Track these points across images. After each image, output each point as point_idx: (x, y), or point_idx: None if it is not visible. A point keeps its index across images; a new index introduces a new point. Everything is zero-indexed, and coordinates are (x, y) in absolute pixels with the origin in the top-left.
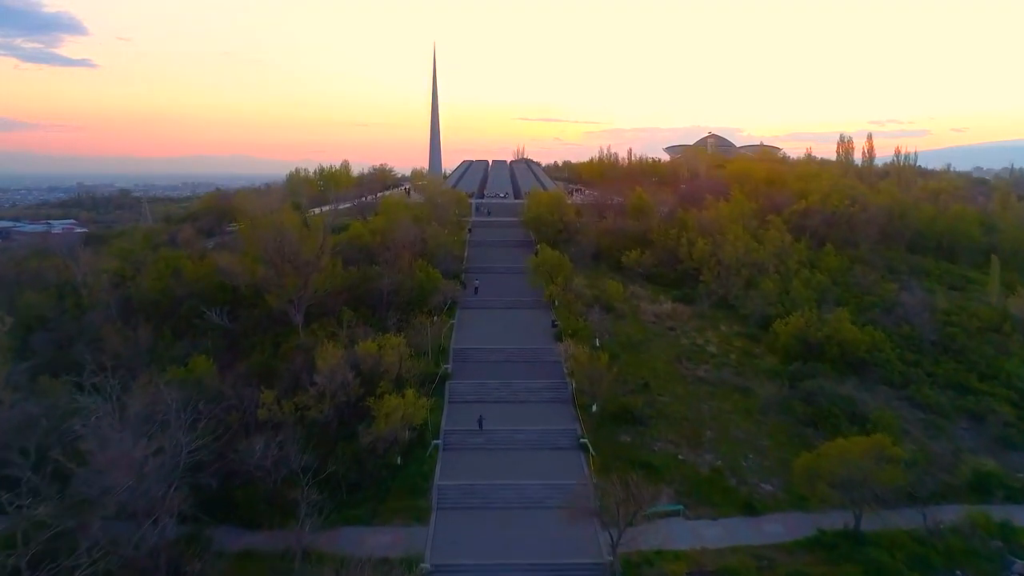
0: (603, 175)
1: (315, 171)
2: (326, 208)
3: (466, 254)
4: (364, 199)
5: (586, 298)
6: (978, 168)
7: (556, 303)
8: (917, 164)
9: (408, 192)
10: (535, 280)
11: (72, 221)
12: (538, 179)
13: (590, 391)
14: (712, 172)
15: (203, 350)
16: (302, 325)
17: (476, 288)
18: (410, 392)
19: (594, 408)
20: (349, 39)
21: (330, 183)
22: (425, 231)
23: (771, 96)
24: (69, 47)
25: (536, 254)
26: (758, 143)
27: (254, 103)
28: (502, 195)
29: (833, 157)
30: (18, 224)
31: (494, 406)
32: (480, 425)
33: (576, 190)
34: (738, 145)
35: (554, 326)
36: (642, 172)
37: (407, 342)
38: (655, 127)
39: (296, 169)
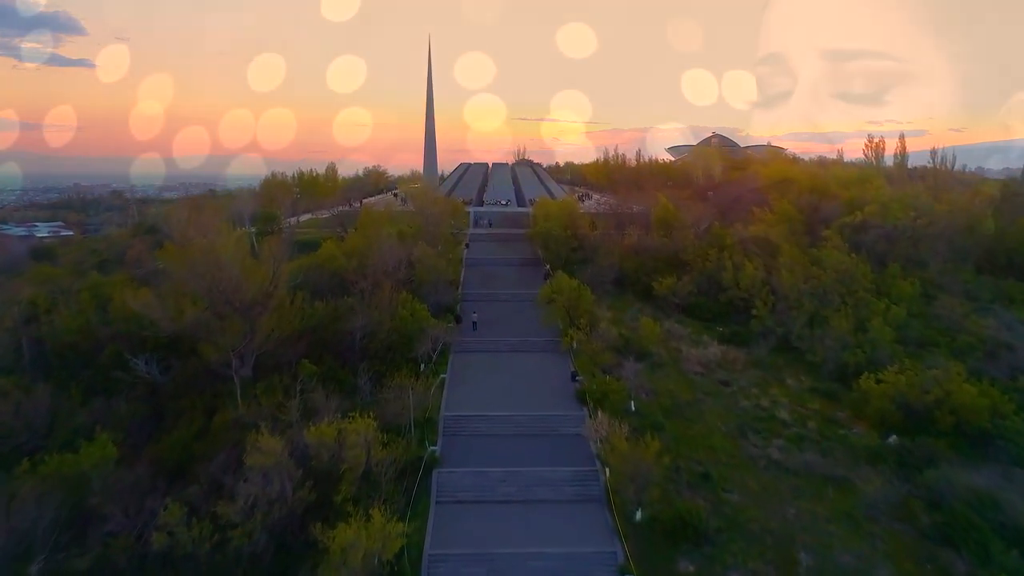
0: (611, 178)
1: (293, 175)
2: (293, 220)
3: (462, 277)
4: (350, 205)
5: (613, 340)
6: (980, 168)
7: (576, 345)
8: (955, 167)
9: (404, 201)
10: (549, 317)
11: (59, 223)
12: (544, 184)
13: (633, 492)
14: (733, 175)
15: (114, 419)
16: (244, 388)
17: (474, 322)
18: (377, 515)
19: (638, 516)
20: (349, 38)
21: (309, 189)
22: (412, 253)
23: (768, 95)
24: (67, 47)
25: (546, 278)
26: (764, 143)
27: (254, 103)
28: (504, 202)
29: (842, 158)
30: (4, 227)
31: (498, 509)
32: None
33: (585, 195)
34: (742, 145)
35: (575, 379)
36: (652, 174)
37: (381, 416)
38: (655, 127)
39: (272, 173)
